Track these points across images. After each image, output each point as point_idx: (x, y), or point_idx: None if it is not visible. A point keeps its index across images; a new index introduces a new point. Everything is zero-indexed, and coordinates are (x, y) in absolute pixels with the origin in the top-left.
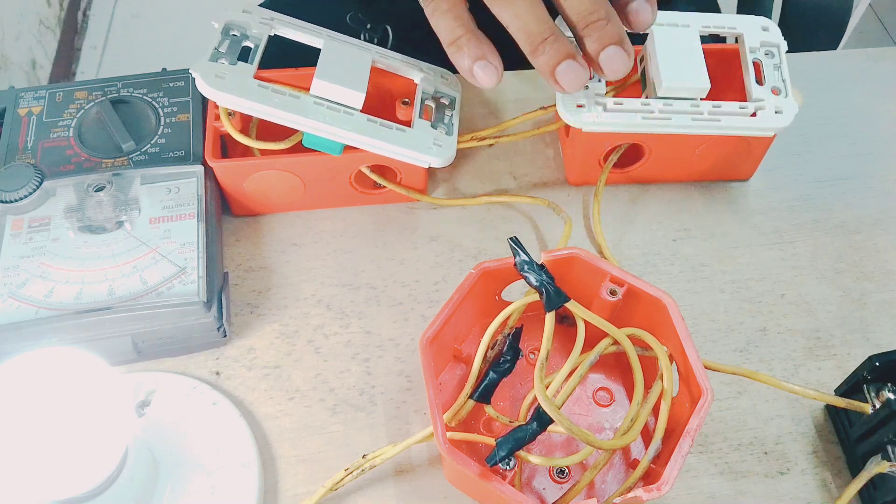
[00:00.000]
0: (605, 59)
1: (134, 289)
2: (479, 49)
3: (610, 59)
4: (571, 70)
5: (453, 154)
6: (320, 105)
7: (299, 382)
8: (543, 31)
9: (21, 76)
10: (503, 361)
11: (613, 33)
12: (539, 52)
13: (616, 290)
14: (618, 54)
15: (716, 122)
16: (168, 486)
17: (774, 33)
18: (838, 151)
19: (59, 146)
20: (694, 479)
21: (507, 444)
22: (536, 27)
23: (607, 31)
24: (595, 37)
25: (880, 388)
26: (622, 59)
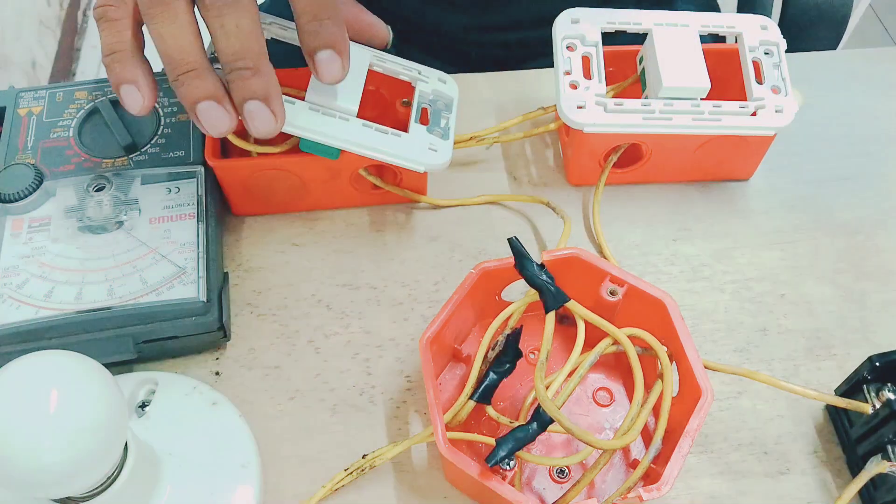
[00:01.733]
0: (246, 114)
1: (134, 289)
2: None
3: (250, 116)
4: (211, 112)
5: (449, 159)
6: (315, 111)
7: (299, 382)
8: (186, 61)
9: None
10: (503, 362)
11: (257, 87)
12: (178, 83)
13: (616, 290)
14: (259, 111)
15: (716, 121)
16: (168, 486)
17: (773, 32)
18: (838, 151)
19: (59, 146)
20: (694, 479)
21: (507, 444)
22: (178, 56)
23: (250, 84)
24: (236, 87)
25: (880, 388)
26: (264, 117)
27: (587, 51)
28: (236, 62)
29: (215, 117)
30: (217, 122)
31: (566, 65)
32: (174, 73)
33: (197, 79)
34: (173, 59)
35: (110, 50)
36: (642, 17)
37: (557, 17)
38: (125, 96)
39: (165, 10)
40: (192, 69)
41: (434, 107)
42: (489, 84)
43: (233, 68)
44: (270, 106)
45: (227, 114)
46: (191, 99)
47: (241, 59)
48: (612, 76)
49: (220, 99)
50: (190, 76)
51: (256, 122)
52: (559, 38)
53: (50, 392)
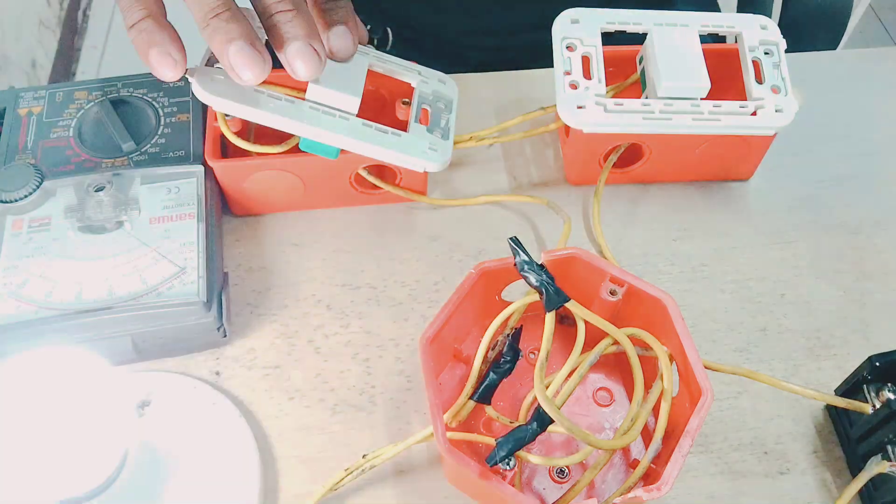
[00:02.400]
0: (291, 55)
1: (134, 289)
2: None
3: (295, 56)
4: (243, 53)
5: (448, 159)
6: (316, 110)
7: (299, 382)
8: (218, 4)
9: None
10: (503, 362)
11: (301, 26)
12: (209, 27)
13: (616, 290)
14: (305, 51)
15: (716, 121)
16: (168, 486)
17: (773, 32)
18: (838, 151)
19: (59, 146)
20: (694, 479)
21: (507, 444)
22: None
23: (293, 24)
24: (278, 30)
25: (880, 388)
26: (309, 56)
27: (587, 51)
28: (278, 5)
29: (249, 59)
30: (251, 64)
31: (566, 65)
32: (205, 17)
33: (230, 21)
34: (203, 3)
35: (134, 19)
36: (642, 17)
37: (557, 18)
38: (156, 60)
39: None
40: (224, 10)
41: (434, 107)
42: (489, 84)
43: (275, 11)
44: (315, 45)
45: (260, 55)
46: (223, 40)
47: (282, 1)
48: (611, 76)
49: (252, 40)
50: (221, 17)
51: (303, 61)
52: (559, 39)
53: (50, 392)
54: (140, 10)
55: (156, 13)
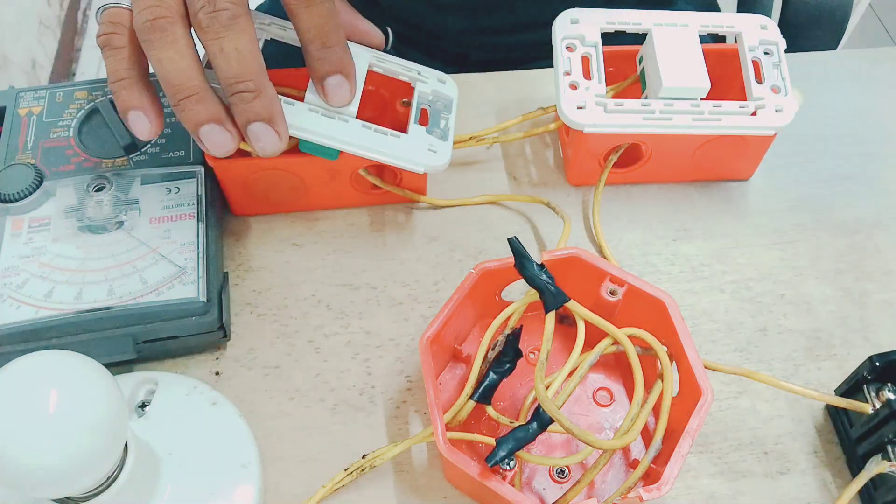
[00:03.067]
0: (251, 135)
1: (134, 289)
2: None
3: (255, 137)
4: (213, 134)
5: (448, 160)
6: (315, 112)
7: (299, 382)
8: (186, 86)
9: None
10: (503, 362)
11: (260, 108)
12: (180, 108)
13: (616, 290)
14: (264, 132)
15: (716, 121)
16: (168, 486)
17: (773, 31)
18: (838, 151)
19: (59, 146)
20: (694, 479)
21: (507, 444)
22: (177, 80)
23: (252, 106)
24: (238, 109)
25: (880, 388)
26: (269, 138)
27: (587, 51)
28: (237, 84)
29: (218, 139)
30: (220, 144)
31: (566, 65)
32: (175, 98)
33: (198, 103)
34: (173, 84)
35: (116, 77)
36: (642, 17)
37: (557, 18)
38: (133, 122)
39: (163, 35)
40: (194, 94)
41: (433, 107)
42: (489, 84)
43: (234, 91)
44: (274, 126)
45: (229, 135)
46: (193, 123)
47: (242, 81)
48: (611, 76)
49: (221, 121)
50: (191, 101)
51: (262, 142)
52: (559, 39)
53: (50, 392)
54: (122, 69)
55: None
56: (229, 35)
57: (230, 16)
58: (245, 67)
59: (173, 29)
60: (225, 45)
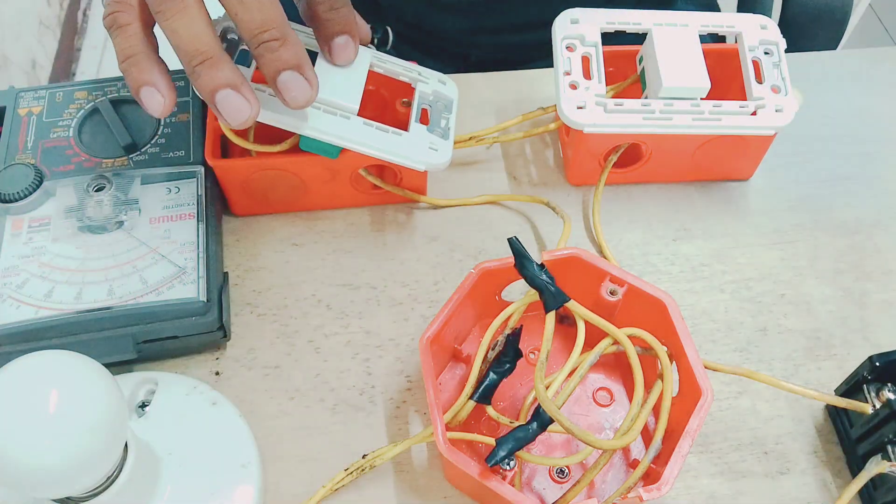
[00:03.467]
0: (280, 85)
1: (134, 289)
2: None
3: (285, 87)
4: (228, 100)
5: (449, 158)
6: (316, 109)
7: (299, 382)
8: (201, 51)
9: (21, 76)
10: (503, 362)
11: (289, 56)
12: (195, 75)
13: (616, 290)
14: (294, 80)
15: (716, 121)
16: (168, 486)
17: (773, 31)
18: (838, 151)
19: (59, 146)
20: (694, 479)
21: (507, 444)
22: (193, 46)
23: (280, 54)
24: (266, 60)
25: (880, 388)
26: (299, 86)
27: (587, 51)
28: (263, 34)
29: (235, 105)
30: (237, 110)
31: (566, 65)
32: (190, 65)
33: (213, 67)
34: (188, 50)
35: (126, 55)
36: (642, 17)
37: (557, 18)
38: (145, 98)
39: (175, 3)
40: (208, 58)
41: (434, 107)
42: (489, 84)
43: (260, 41)
44: (304, 73)
45: (246, 101)
46: (209, 88)
47: (267, 30)
48: (611, 76)
49: (238, 86)
50: (206, 65)
51: (293, 92)
52: (559, 39)
53: (50, 392)
54: (130, 46)
55: (147, 49)
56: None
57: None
58: (268, 15)
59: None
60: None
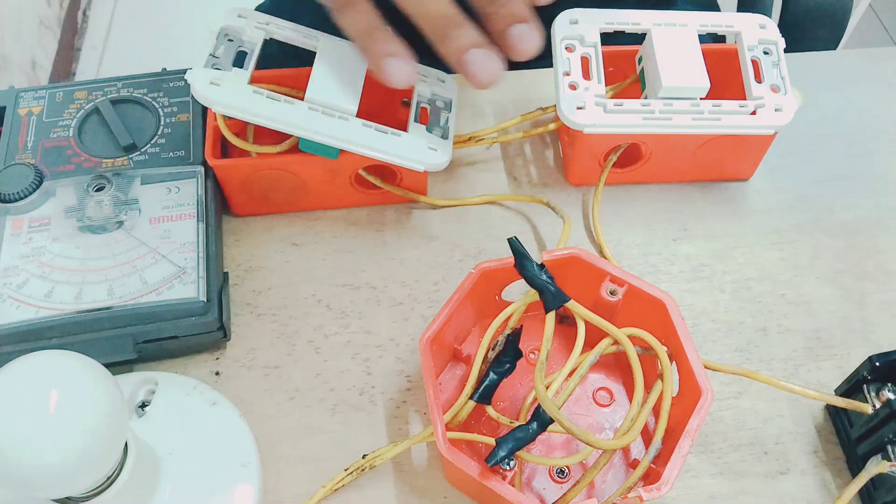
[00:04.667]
0: (513, 37)
1: (134, 289)
2: (393, 45)
3: (519, 38)
4: (481, 58)
5: (449, 158)
6: (315, 111)
7: (299, 382)
8: (448, 16)
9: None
10: (503, 362)
11: (518, 10)
12: (444, 38)
13: (616, 290)
14: (526, 32)
15: (716, 121)
16: (168, 486)
17: (772, 31)
18: (838, 151)
19: (59, 146)
20: (694, 479)
21: (507, 444)
22: (440, 11)
23: (511, 7)
24: (500, 14)
25: (880, 388)
26: (532, 37)
27: (586, 51)
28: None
29: (484, 62)
30: (488, 67)
31: (565, 65)
32: (439, 30)
33: (462, 29)
34: (436, 17)
35: (364, 30)
36: (641, 17)
37: (556, 18)
38: (391, 67)
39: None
40: (455, 21)
41: (433, 106)
42: None
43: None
44: (532, 25)
45: (494, 58)
46: (461, 50)
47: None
48: (611, 76)
49: (484, 44)
50: (454, 27)
51: (525, 42)
52: (558, 39)
53: (50, 392)
54: (367, 21)
55: (384, 23)
56: None
57: None
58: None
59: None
60: None
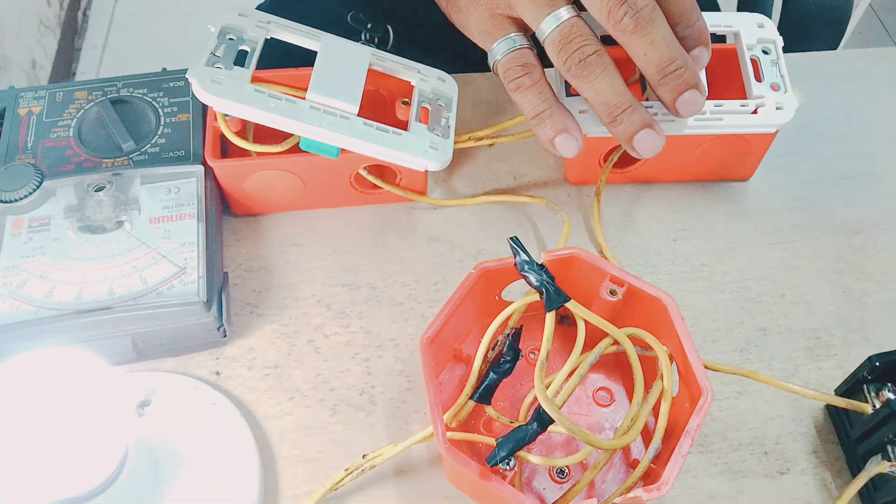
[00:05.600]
0: (682, 103)
1: (134, 289)
2: (561, 123)
3: (687, 104)
4: (649, 138)
5: (449, 157)
6: (316, 110)
7: (299, 382)
8: (622, 102)
9: (21, 76)
10: (503, 362)
11: (690, 79)
12: (618, 122)
13: (616, 290)
14: (694, 97)
15: (718, 121)
16: (168, 486)
17: (770, 30)
18: (838, 151)
19: (59, 146)
20: (694, 479)
21: (507, 445)
22: (615, 99)
23: (685, 78)
24: (673, 84)
25: (880, 388)
26: (698, 101)
27: None
28: (671, 65)
29: (651, 141)
30: (653, 144)
31: None
32: (613, 115)
33: (634, 113)
34: (612, 103)
35: (539, 110)
36: None
37: None
38: (564, 143)
39: (598, 66)
40: (629, 106)
41: (434, 105)
42: (489, 84)
43: (668, 72)
44: (699, 89)
45: (659, 136)
46: (632, 131)
47: (675, 61)
48: None
49: (652, 124)
50: (628, 112)
51: (693, 106)
52: None
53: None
54: (543, 101)
55: (558, 102)
56: (656, 28)
57: (651, 9)
58: (675, 50)
59: (604, 59)
60: (655, 37)
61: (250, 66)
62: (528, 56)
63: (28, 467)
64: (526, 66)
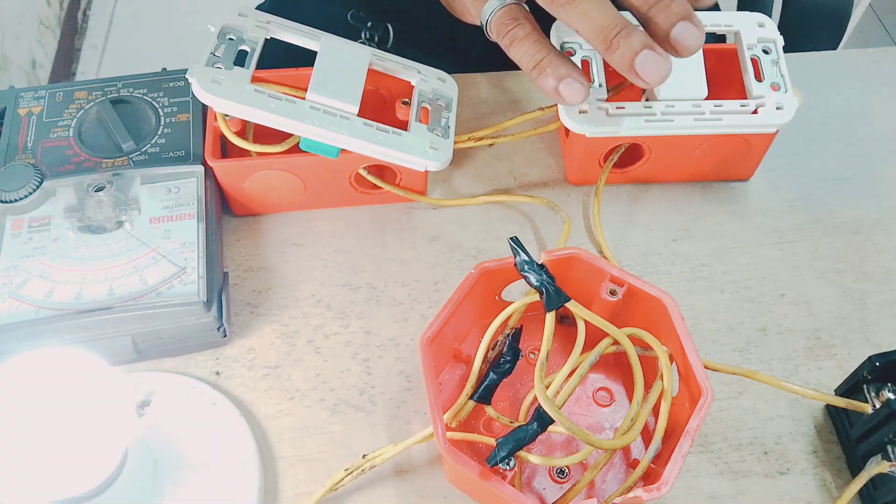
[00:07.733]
0: (677, 35)
1: (134, 289)
2: (562, 69)
3: (681, 36)
4: (651, 59)
5: (449, 157)
6: (316, 110)
7: (299, 382)
8: (614, 25)
9: (21, 76)
10: (503, 362)
11: (680, 9)
12: (614, 46)
13: (616, 290)
14: (688, 29)
15: (718, 121)
16: (168, 486)
17: (770, 29)
18: (838, 151)
19: (59, 146)
20: (694, 479)
21: (507, 445)
22: (606, 22)
23: (673, 8)
24: (663, 15)
25: (880, 388)
26: (694, 33)
27: (586, 55)
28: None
29: (654, 63)
30: (657, 68)
31: None
32: (607, 39)
33: (630, 35)
34: (604, 26)
35: (536, 60)
36: None
37: (556, 21)
38: (568, 90)
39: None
40: (623, 28)
41: (434, 105)
42: (489, 84)
43: (653, 3)
44: (694, 22)
45: (663, 57)
46: (631, 54)
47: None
48: (612, 76)
49: (652, 45)
50: (623, 34)
51: (688, 39)
52: (558, 43)
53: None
54: (539, 50)
55: (551, 50)
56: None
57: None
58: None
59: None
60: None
61: (250, 66)
62: (518, 10)
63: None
64: (516, 19)
